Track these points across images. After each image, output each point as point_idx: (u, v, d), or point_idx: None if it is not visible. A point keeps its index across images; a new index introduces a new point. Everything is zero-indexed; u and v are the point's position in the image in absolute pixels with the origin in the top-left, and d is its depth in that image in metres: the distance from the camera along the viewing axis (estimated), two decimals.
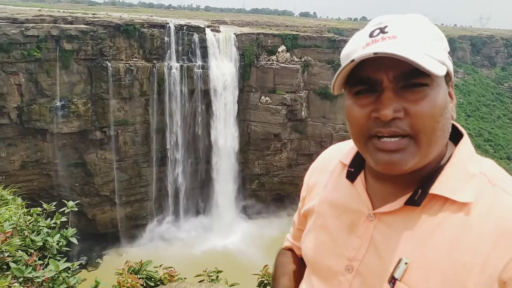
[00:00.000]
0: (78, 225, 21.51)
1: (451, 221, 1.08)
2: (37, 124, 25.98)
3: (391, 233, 1.15)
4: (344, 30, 46.72)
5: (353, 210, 1.27)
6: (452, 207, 1.09)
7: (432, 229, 1.09)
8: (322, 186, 1.44)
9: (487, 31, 68.97)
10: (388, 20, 1.13)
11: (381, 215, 1.19)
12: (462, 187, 1.10)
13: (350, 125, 1.18)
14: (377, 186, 1.24)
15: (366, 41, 1.11)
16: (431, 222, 1.10)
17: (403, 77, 1.07)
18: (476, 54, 57.97)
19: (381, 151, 1.11)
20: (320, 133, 34.33)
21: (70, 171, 28.11)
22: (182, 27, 29.99)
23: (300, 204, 1.60)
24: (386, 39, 1.08)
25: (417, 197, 1.12)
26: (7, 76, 24.70)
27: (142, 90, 28.88)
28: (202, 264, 4.51)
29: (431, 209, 1.12)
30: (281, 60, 32.89)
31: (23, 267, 3.20)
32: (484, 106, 52.43)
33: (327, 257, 1.30)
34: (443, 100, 1.10)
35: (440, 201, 1.11)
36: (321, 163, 1.54)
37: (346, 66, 1.10)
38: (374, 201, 1.23)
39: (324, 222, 1.35)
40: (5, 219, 3.69)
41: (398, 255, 1.11)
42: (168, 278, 3.62)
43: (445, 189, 1.11)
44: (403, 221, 1.14)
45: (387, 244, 1.15)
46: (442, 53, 1.11)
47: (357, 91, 1.14)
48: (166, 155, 30.97)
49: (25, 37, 24.72)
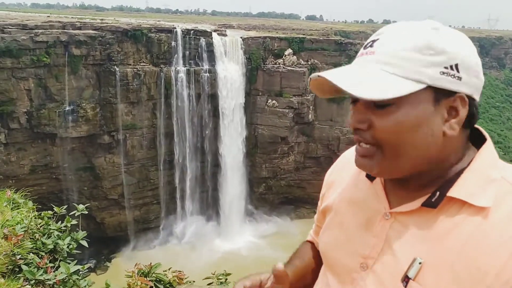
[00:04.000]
0: (87, 229, 21.52)
1: (468, 224, 1.07)
2: (46, 128, 26.25)
3: (406, 233, 1.16)
4: (351, 33, 46.59)
5: (370, 209, 1.28)
6: (469, 210, 1.09)
7: (447, 231, 1.09)
8: (341, 185, 1.46)
9: (496, 32, 68.40)
10: (384, 31, 1.16)
11: (398, 215, 1.20)
12: (481, 192, 1.10)
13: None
14: (395, 186, 1.25)
15: (360, 53, 1.18)
16: (447, 224, 1.10)
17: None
18: (485, 55, 57.43)
19: (357, 154, 1.22)
20: (327, 136, 34.22)
21: (79, 175, 28.33)
22: (189, 32, 30.16)
23: (319, 202, 1.62)
24: (365, 54, 1.15)
25: (435, 199, 1.13)
26: (17, 82, 25.03)
27: (149, 94, 29.07)
28: (210, 267, 4.53)
29: (447, 211, 1.12)
30: (287, 64, 32.91)
31: (34, 269, 3.24)
32: (494, 108, 51.91)
33: (342, 254, 1.32)
34: (413, 119, 1.08)
35: (457, 204, 1.11)
36: (341, 162, 1.57)
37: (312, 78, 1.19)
38: (391, 201, 1.24)
39: (341, 219, 1.37)
40: (17, 222, 3.73)
41: (413, 254, 1.11)
42: (177, 281, 3.64)
43: (463, 192, 1.11)
44: (419, 221, 1.15)
45: (402, 243, 1.15)
46: (420, 69, 1.07)
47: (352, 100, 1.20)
48: (173, 159, 31.08)
49: (34, 43, 25.04)
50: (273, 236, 31.37)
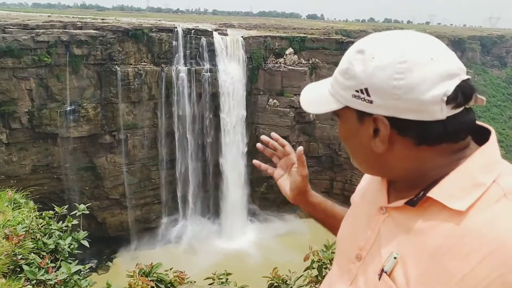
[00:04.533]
0: (88, 229, 21.60)
1: (443, 227, 1.08)
2: (47, 128, 26.29)
3: (393, 229, 1.22)
4: (352, 31, 46.55)
5: (375, 203, 1.34)
6: (447, 213, 1.09)
7: (424, 231, 1.12)
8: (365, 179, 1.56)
9: (497, 31, 68.27)
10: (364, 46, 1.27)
11: (391, 210, 1.26)
12: (461, 195, 1.08)
13: None
14: (396, 183, 1.31)
15: None
16: (425, 224, 1.12)
17: None
18: (486, 54, 57.34)
19: None
20: (329, 135, 34.17)
21: (80, 175, 28.37)
22: (190, 31, 30.17)
23: None
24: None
25: (416, 198, 1.17)
26: (18, 82, 25.08)
27: (150, 94, 29.10)
28: (211, 267, 4.53)
29: (428, 212, 1.13)
30: (288, 63, 32.89)
31: (35, 269, 3.25)
32: (495, 106, 51.82)
33: (347, 244, 1.41)
34: (346, 130, 1.28)
35: (437, 206, 1.12)
36: None
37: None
38: (390, 197, 1.30)
39: (354, 211, 1.49)
40: (18, 222, 3.74)
41: (391, 249, 1.17)
42: (178, 280, 3.64)
43: (442, 194, 1.11)
44: (403, 218, 1.20)
45: (388, 238, 1.22)
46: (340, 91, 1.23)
47: None
48: (174, 158, 31.10)
49: (35, 42, 25.08)
50: (275, 236, 31.36)
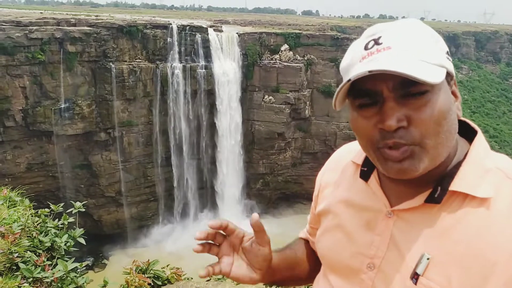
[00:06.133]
0: (84, 227, 21.48)
1: (472, 216, 1.08)
2: (42, 126, 26.13)
3: (411, 230, 1.16)
4: (347, 28, 46.58)
5: (369, 209, 1.27)
6: (472, 203, 1.09)
7: (453, 225, 1.10)
8: (335, 186, 1.44)
9: (492, 27, 68.52)
10: (381, 29, 1.13)
11: (400, 212, 1.19)
12: (481, 183, 1.10)
13: (358, 136, 1.18)
14: (392, 185, 1.24)
15: (362, 54, 1.12)
16: (451, 218, 1.10)
17: (402, 85, 1.06)
18: (481, 50, 57.58)
19: (391, 161, 1.11)
20: (324, 131, 34.27)
21: (76, 173, 28.25)
22: (185, 28, 30.04)
23: (313, 204, 1.60)
24: (381, 51, 1.09)
25: (437, 195, 1.13)
26: (11, 79, 24.87)
27: (145, 91, 28.98)
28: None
29: (450, 205, 1.12)
30: (284, 59, 32.87)
31: (32, 267, 3.24)
32: (489, 102, 52.08)
33: (346, 257, 1.30)
34: (446, 103, 1.09)
35: (459, 197, 1.12)
36: (333, 163, 1.54)
37: (343, 86, 1.11)
38: (390, 199, 1.24)
39: (340, 221, 1.35)
40: (14, 221, 3.72)
41: (420, 251, 1.11)
42: (175, 277, 3.64)
43: (465, 185, 1.11)
44: (423, 218, 1.15)
45: (408, 240, 1.15)
46: (439, 55, 1.10)
47: (360, 104, 1.14)
48: (170, 156, 31.04)
49: (29, 40, 24.86)
50: (270, 232, 30.60)
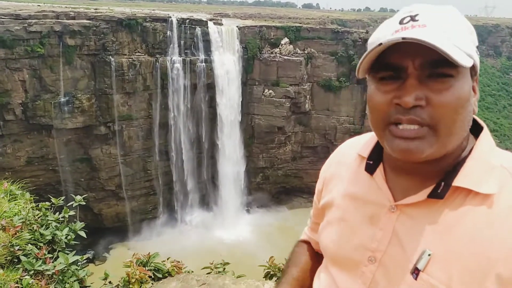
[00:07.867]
0: (85, 220, 21.52)
1: (475, 213, 1.08)
2: (42, 120, 26.10)
3: (414, 225, 1.16)
4: (348, 21, 46.36)
5: (373, 202, 1.28)
6: (475, 199, 1.09)
7: (455, 221, 1.10)
8: (340, 179, 1.44)
9: (493, 20, 68.19)
10: (419, 9, 1.12)
11: (403, 207, 1.20)
12: (485, 179, 1.10)
13: (371, 110, 1.18)
14: (397, 179, 1.25)
15: (395, 28, 1.10)
16: (454, 215, 1.10)
17: (430, 65, 1.06)
18: (481, 43, 57.33)
19: (399, 138, 1.10)
20: (324, 125, 34.23)
21: (76, 166, 28.28)
22: (185, 21, 29.88)
23: (316, 198, 1.60)
24: (416, 27, 1.07)
25: (440, 190, 1.13)
26: (11, 73, 24.79)
27: (145, 84, 28.91)
28: (208, 257, 4.55)
29: (454, 201, 1.12)
30: (284, 53, 32.74)
31: (33, 260, 3.26)
32: (490, 96, 52.00)
33: (348, 249, 1.31)
34: (467, 93, 1.09)
35: (463, 193, 1.12)
36: (338, 156, 1.54)
37: (373, 50, 1.09)
38: (394, 193, 1.24)
39: (344, 214, 1.36)
40: (15, 214, 3.74)
41: (421, 246, 1.12)
42: (175, 270, 3.66)
43: (469, 181, 1.11)
44: (426, 213, 1.15)
45: (410, 235, 1.16)
46: (470, 46, 1.10)
47: (382, 77, 1.13)
48: (170, 149, 31.06)
49: (28, 33, 24.74)
50: (270, 226, 31.55)
